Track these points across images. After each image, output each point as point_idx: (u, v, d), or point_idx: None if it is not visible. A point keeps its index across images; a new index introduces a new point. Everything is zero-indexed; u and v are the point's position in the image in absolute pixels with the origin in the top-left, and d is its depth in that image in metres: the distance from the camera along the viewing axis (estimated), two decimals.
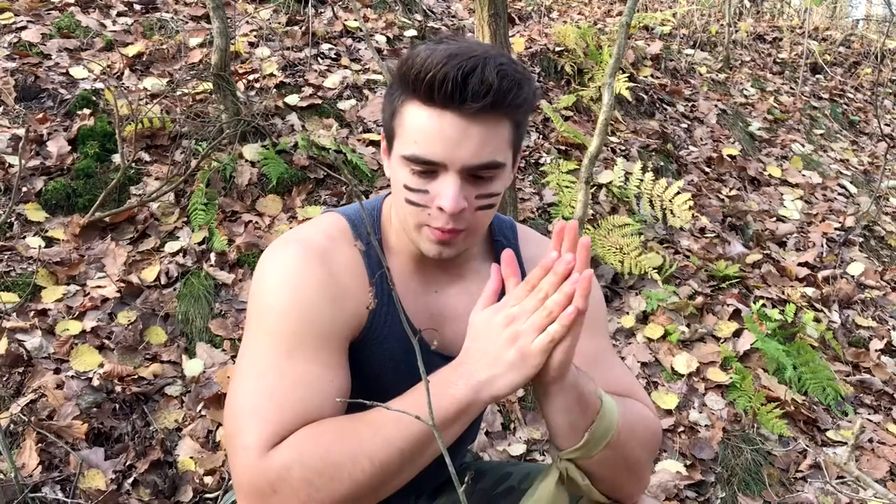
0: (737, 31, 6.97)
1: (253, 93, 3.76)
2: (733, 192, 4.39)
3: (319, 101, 3.81)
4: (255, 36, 4.21)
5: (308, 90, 3.86)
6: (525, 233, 1.39)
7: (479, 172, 1.10)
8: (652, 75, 5.28)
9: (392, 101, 1.14)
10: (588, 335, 1.24)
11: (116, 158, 3.16)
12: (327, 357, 1.13)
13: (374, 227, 1.27)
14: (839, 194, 4.84)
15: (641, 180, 3.77)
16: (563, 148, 4.08)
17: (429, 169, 1.09)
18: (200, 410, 2.48)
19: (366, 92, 4.02)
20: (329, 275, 1.18)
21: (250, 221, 3.15)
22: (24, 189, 2.95)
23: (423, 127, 1.07)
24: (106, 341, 2.56)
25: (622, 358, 3.01)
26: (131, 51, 3.78)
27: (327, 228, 1.25)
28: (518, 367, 1.03)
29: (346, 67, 4.17)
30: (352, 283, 1.20)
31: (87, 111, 3.29)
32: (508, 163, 1.14)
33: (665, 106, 5.07)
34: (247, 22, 4.31)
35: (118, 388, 2.42)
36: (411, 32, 4.68)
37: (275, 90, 3.80)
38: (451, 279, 1.29)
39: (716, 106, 5.33)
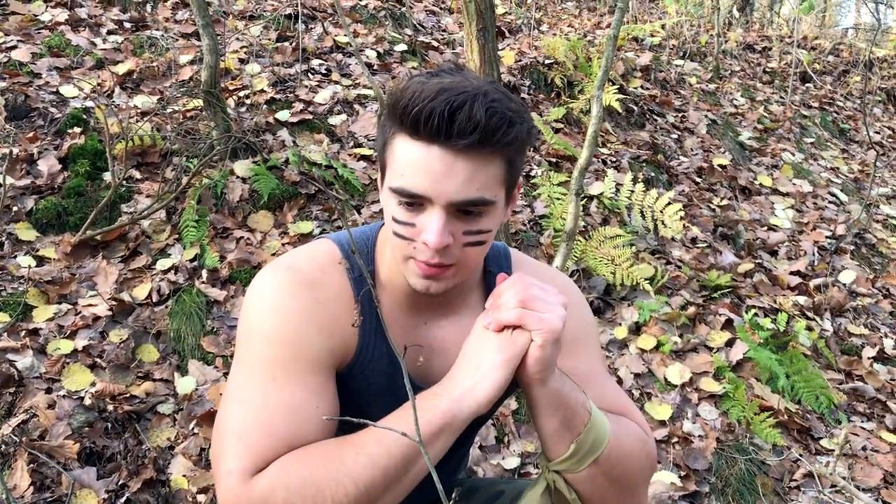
0: (726, 42, 7.02)
1: (243, 109, 3.77)
2: (724, 202, 4.40)
3: (310, 117, 3.82)
4: (245, 52, 4.23)
5: (299, 106, 3.87)
6: (519, 259, 1.38)
7: (466, 208, 1.08)
8: (642, 86, 5.31)
9: (384, 133, 1.13)
10: (577, 355, 1.24)
11: (107, 176, 3.16)
12: (313, 383, 1.13)
13: (367, 258, 1.26)
14: (830, 202, 4.87)
15: (632, 191, 3.78)
16: (553, 160, 4.10)
17: (415, 202, 1.08)
18: (193, 428, 2.47)
19: (356, 107, 4.04)
20: (317, 303, 1.18)
21: (242, 238, 3.15)
22: (15, 208, 2.95)
23: (411, 160, 1.06)
24: (98, 360, 2.56)
25: (615, 370, 3.01)
26: (121, 69, 3.79)
27: (319, 256, 1.24)
28: (499, 367, 1.07)
29: (336, 83, 4.19)
30: (340, 313, 1.20)
31: (77, 130, 3.30)
32: (499, 200, 1.12)
33: (655, 117, 5.10)
34: (237, 38, 4.33)
35: (110, 407, 2.41)
36: (401, 47, 4.70)
37: (265, 106, 3.81)
38: (441, 312, 1.28)
39: (706, 116, 5.36)
